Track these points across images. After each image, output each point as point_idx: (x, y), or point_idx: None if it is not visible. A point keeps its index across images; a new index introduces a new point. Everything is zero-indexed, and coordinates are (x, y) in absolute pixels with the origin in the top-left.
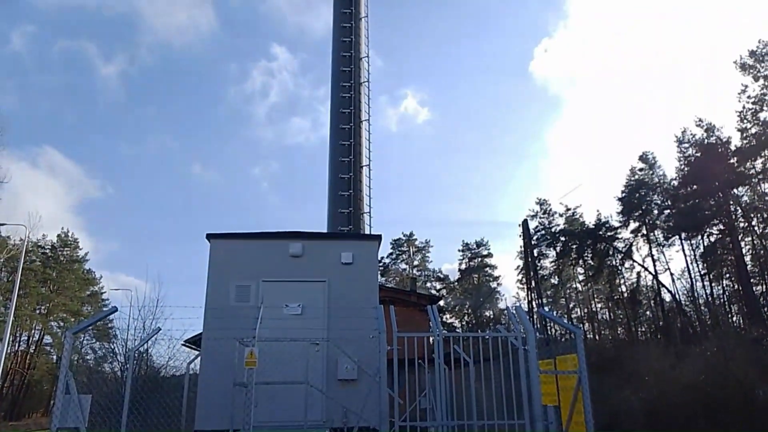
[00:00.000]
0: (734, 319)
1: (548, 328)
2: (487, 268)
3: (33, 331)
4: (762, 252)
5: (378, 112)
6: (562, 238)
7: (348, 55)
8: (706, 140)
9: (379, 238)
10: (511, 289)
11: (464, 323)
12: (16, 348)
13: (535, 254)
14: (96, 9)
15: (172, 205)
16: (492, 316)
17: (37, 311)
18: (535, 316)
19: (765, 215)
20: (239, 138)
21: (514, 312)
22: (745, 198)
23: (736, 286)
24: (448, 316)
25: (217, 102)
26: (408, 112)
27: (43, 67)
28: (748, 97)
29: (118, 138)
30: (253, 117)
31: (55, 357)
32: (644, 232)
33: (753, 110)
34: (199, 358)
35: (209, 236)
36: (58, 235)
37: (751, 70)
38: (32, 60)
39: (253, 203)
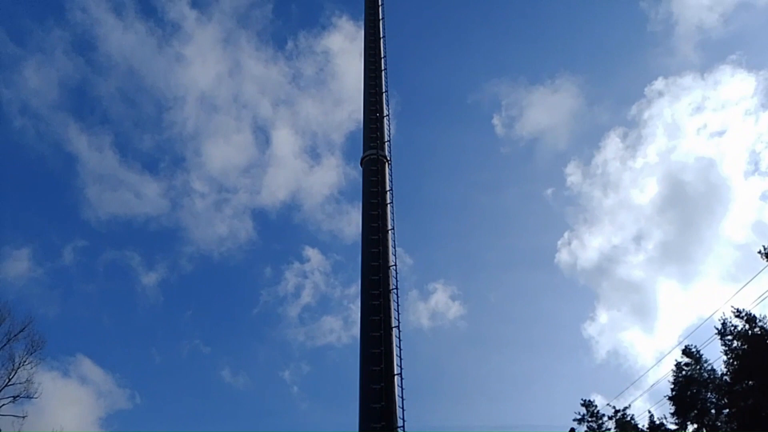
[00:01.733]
0: None
1: None
2: None
3: None
4: None
5: (409, 306)
6: None
7: (376, 265)
8: (749, 331)
9: None
10: None
11: None
12: None
13: None
14: (143, 223)
15: (200, 414)
16: None
17: None
18: None
19: None
20: (270, 341)
21: None
22: None
23: None
24: None
25: (251, 305)
26: (439, 307)
27: (88, 278)
28: None
29: (151, 344)
30: (285, 318)
31: None
32: None
33: None
34: None
35: None
36: None
37: None
38: (78, 271)
39: (282, 409)
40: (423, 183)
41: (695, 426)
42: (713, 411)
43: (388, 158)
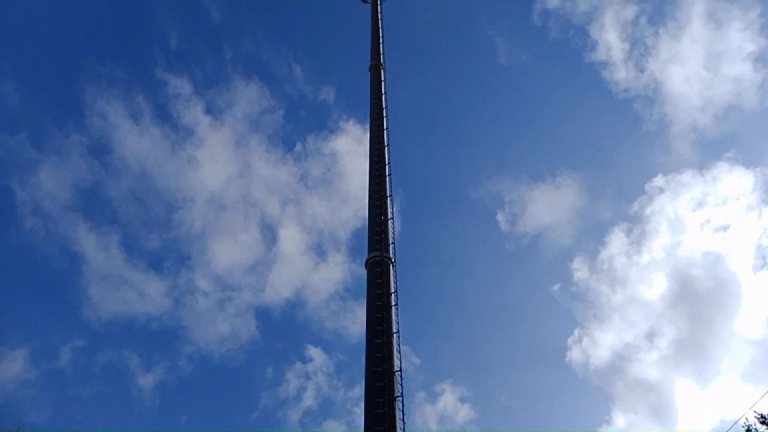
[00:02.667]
0: None
1: None
2: None
3: None
4: None
5: (416, 409)
6: None
7: (380, 370)
8: None
9: None
10: None
11: None
12: None
13: None
14: (144, 323)
15: None
16: None
17: None
18: None
19: None
20: None
21: None
22: None
23: None
24: None
25: (250, 409)
26: (447, 410)
27: (83, 380)
28: None
29: None
30: (285, 423)
31: None
32: None
33: None
34: None
35: None
36: None
37: None
38: (74, 373)
39: None
40: (429, 280)
41: None
42: None
43: (393, 260)
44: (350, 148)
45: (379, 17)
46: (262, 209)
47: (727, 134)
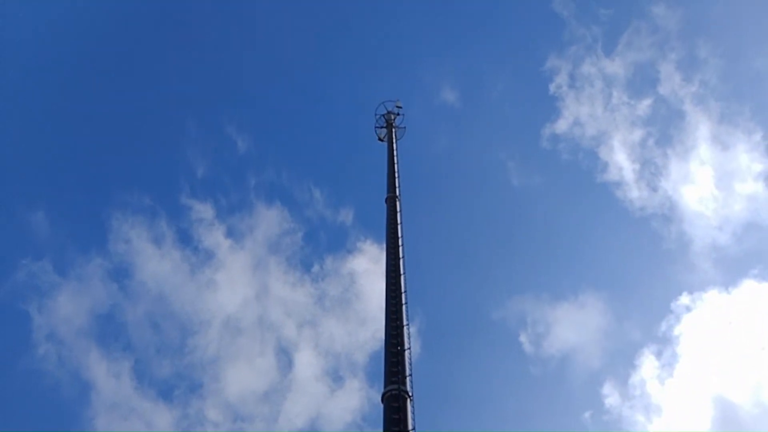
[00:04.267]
0: None
1: None
2: None
3: None
4: None
5: None
6: None
7: None
8: None
9: None
10: None
11: None
12: None
13: None
14: None
15: None
16: None
17: None
18: None
19: None
20: None
21: None
22: None
23: None
24: None
25: None
26: None
27: None
28: None
29: None
30: None
31: None
32: None
33: None
34: None
35: None
36: None
37: None
38: None
39: None
40: (451, 412)
41: None
42: None
43: (410, 394)
44: (368, 268)
45: (395, 152)
46: (278, 332)
47: (748, 251)
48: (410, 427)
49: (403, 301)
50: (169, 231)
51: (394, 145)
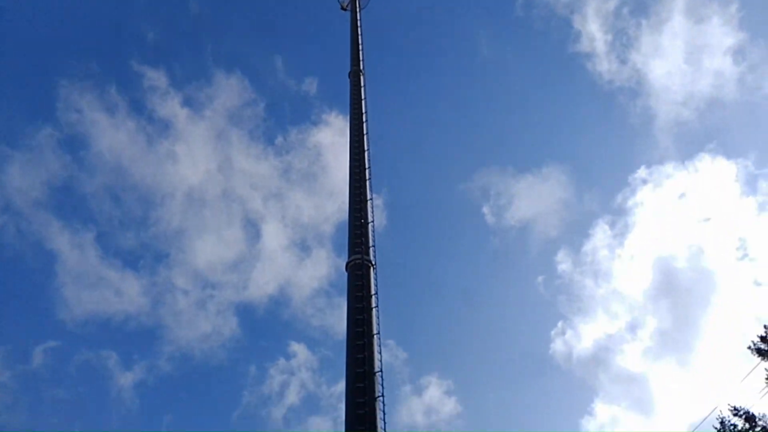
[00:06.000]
0: None
1: None
2: None
3: None
4: None
5: (402, 401)
6: None
7: (362, 371)
8: (750, 430)
9: None
10: None
11: None
12: None
13: None
14: (122, 322)
15: None
16: None
17: None
18: None
19: None
20: None
21: None
22: None
23: None
24: None
25: (233, 406)
26: (433, 403)
27: (59, 381)
28: None
29: None
30: (269, 421)
31: None
32: None
33: None
34: None
35: None
36: None
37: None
38: (49, 374)
39: None
40: (416, 275)
41: None
42: None
43: (374, 263)
44: (334, 140)
45: (359, 24)
46: (244, 204)
47: (709, 127)
48: (373, 292)
49: (367, 177)
50: (122, 100)
51: (358, 15)
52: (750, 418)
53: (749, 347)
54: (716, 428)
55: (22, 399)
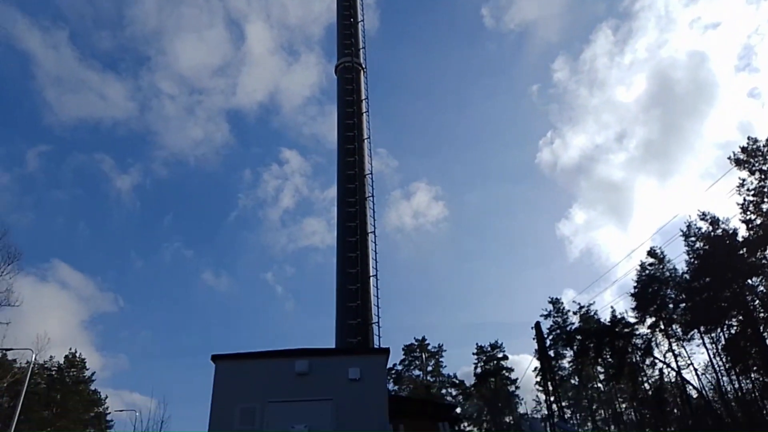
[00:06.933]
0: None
1: None
2: (504, 371)
3: None
4: None
5: (392, 205)
6: (578, 337)
7: (353, 173)
8: (712, 233)
9: (386, 351)
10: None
11: (483, 430)
12: None
13: (552, 355)
14: (111, 127)
15: (184, 315)
16: (512, 422)
17: None
18: (555, 426)
19: None
20: (252, 243)
21: (529, 424)
22: (761, 288)
23: (765, 379)
24: (466, 424)
25: (230, 209)
26: (421, 208)
27: (57, 184)
28: (747, 189)
29: (130, 248)
30: (265, 221)
31: None
32: (662, 327)
33: (754, 202)
34: None
35: (214, 358)
36: (66, 356)
37: (746, 165)
38: (46, 178)
39: (267, 308)
40: (407, 81)
41: (653, 319)
42: (671, 305)
43: (364, 66)
44: None
45: None
46: (225, 2)
47: None
48: (363, 96)
49: None
50: None
51: None
52: (714, 221)
53: (729, 158)
54: (682, 230)
55: (25, 201)
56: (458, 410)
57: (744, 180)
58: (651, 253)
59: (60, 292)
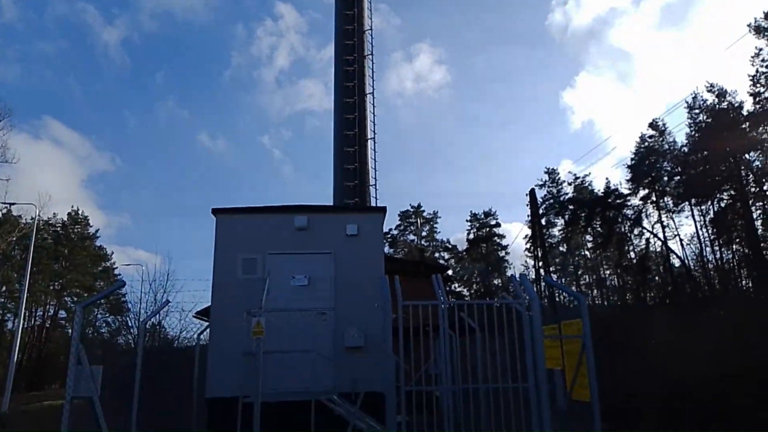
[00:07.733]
0: (744, 283)
1: (556, 296)
2: (496, 238)
3: (48, 307)
4: None
5: (392, 67)
6: (571, 207)
7: (351, 29)
8: (717, 106)
9: (383, 210)
10: (520, 258)
11: (473, 292)
12: (33, 323)
13: (544, 223)
14: None
15: (182, 175)
16: (501, 284)
17: (51, 287)
18: (542, 284)
19: None
20: (247, 105)
21: (519, 280)
22: (757, 163)
23: (746, 251)
24: (456, 285)
25: (223, 67)
26: (423, 72)
27: (41, 35)
28: (762, 60)
29: (123, 107)
30: (260, 82)
31: (69, 330)
32: (654, 199)
33: (766, 74)
34: (208, 330)
35: (215, 211)
36: (69, 214)
37: (766, 33)
38: (26, 27)
39: (264, 172)
40: None
41: (646, 191)
42: (666, 178)
43: None
44: None
45: None
46: None
47: None
48: None
49: None
50: None
51: None
52: (721, 93)
53: (749, 24)
54: (687, 102)
55: (10, 53)
56: (450, 272)
57: (761, 50)
58: (652, 125)
59: (55, 149)
